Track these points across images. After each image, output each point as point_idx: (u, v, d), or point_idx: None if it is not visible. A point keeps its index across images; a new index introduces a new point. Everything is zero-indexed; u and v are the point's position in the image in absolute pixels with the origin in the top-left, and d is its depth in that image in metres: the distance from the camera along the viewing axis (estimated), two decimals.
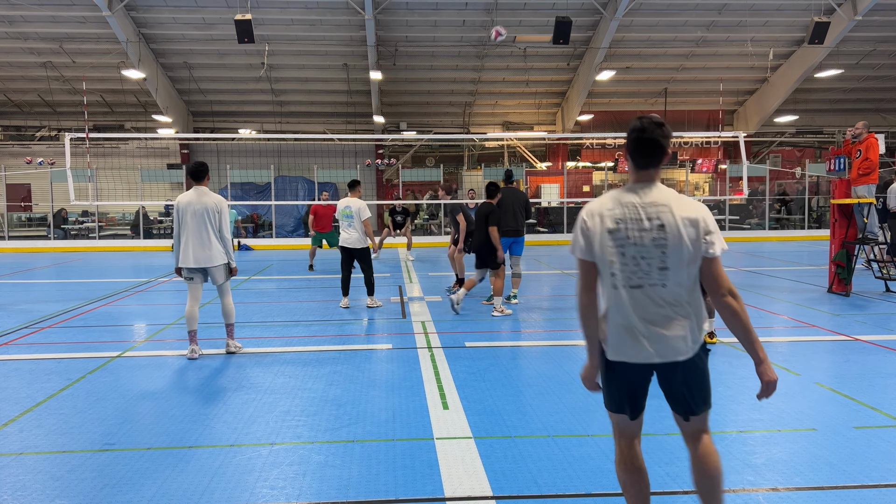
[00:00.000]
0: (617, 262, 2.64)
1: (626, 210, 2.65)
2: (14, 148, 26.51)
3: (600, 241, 2.66)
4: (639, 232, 2.61)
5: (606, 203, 2.70)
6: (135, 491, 3.61)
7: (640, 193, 2.68)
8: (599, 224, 2.67)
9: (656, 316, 2.63)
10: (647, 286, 2.62)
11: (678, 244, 2.58)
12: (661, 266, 2.60)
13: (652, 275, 2.61)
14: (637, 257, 2.62)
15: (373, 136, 26.19)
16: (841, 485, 3.61)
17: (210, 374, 5.89)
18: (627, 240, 2.62)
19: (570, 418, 4.67)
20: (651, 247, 2.60)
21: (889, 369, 5.86)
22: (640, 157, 2.70)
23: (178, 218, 6.38)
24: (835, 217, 10.31)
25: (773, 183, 25.33)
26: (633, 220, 2.63)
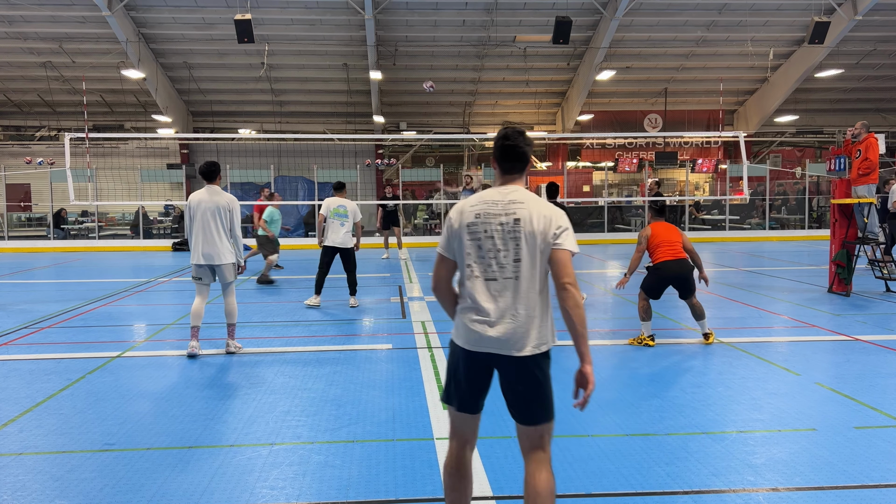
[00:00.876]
0: (473, 255, 2.79)
1: (486, 206, 2.81)
2: (14, 148, 26.51)
3: (460, 236, 2.82)
4: (497, 225, 2.76)
5: (472, 201, 2.87)
6: (135, 491, 3.61)
7: (503, 193, 2.84)
8: (460, 219, 2.84)
9: (506, 308, 2.74)
10: (502, 279, 2.75)
11: (531, 235, 2.73)
12: (515, 258, 2.74)
13: (507, 268, 2.74)
14: (493, 250, 2.76)
15: (373, 136, 26.19)
16: (841, 485, 3.61)
17: (210, 375, 5.89)
18: (484, 233, 2.77)
19: (570, 418, 4.66)
20: (508, 239, 2.75)
21: (889, 369, 5.86)
22: (505, 163, 2.91)
23: (189, 216, 6.47)
24: (835, 217, 10.31)
25: (772, 183, 25.32)
26: (492, 214, 2.78)
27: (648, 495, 3.50)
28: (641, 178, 26.55)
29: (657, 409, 4.82)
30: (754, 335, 7.31)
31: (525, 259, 2.74)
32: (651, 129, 27.09)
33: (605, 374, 5.84)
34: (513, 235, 2.75)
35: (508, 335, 2.74)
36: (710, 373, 5.79)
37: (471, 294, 2.79)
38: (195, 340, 6.50)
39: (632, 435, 4.33)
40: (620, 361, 6.27)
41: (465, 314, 2.82)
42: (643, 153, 28.05)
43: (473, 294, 2.78)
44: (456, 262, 2.87)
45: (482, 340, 2.76)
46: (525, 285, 2.75)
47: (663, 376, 5.70)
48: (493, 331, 2.73)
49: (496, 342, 2.74)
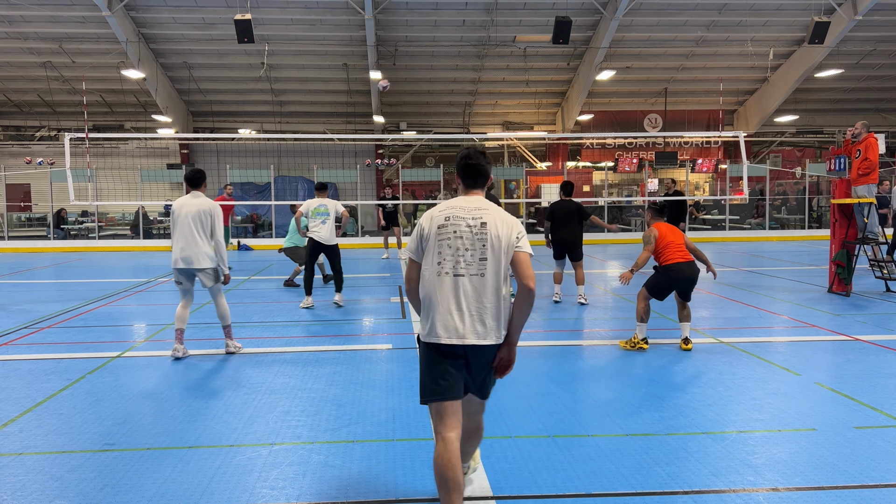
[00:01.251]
0: (443, 253, 3.09)
1: (454, 211, 3.15)
2: (14, 148, 26.51)
3: (430, 238, 3.14)
4: (465, 227, 3.10)
5: (441, 207, 3.22)
6: (135, 491, 3.61)
7: (469, 201, 3.21)
8: (430, 224, 3.16)
9: (472, 302, 3.06)
10: (468, 276, 3.07)
11: (497, 238, 3.08)
12: (482, 257, 3.07)
13: (473, 265, 3.07)
14: (462, 249, 3.08)
15: (373, 136, 26.19)
16: (841, 485, 3.61)
17: (210, 375, 5.89)
18: (454, 234, 3.10)
19: (570, 418, 4.66)
20: (475, 240, 3.08)
21: (889, 369, 5.86)
22: (468, 179, 3.29)
23: (173, 221, 6.51)
24: (835, 217, 10.31)
25: (772, 183, 25.33)
26: (460, 218, 3.12)
27: (648, 495, 3.50)
28: (641, 177, 26.55)
29: (657, 409, 4.82)
30: (754, 335, 7.31)
31: (490, 258, 3.07)
32: (651, 129, 27.10)
33: (606, 375, 5.84)
34: (480, 237, 3.08)
35: (477, 327, 3.06)
36: (710, 373, 5.79)
37: (440, 290, 3.08)
38: (179, 343, 6.50)
39: (632, 435, 4.33)
40: (620, 362, 6.28)
41: (434, 311, 3.09)
42: (643, 153, 28.06)
43: (443, 290, 3.08)
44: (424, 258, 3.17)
45: (455, 332, 3.05)
46: (489, 282, 3.07)
47: (663, 376, 5.70)
48: (457, 321, 3.05)
49: (467, 332, 3.05)
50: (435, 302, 3.08)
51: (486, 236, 3.08)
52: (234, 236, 21.75)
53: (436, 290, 3.09)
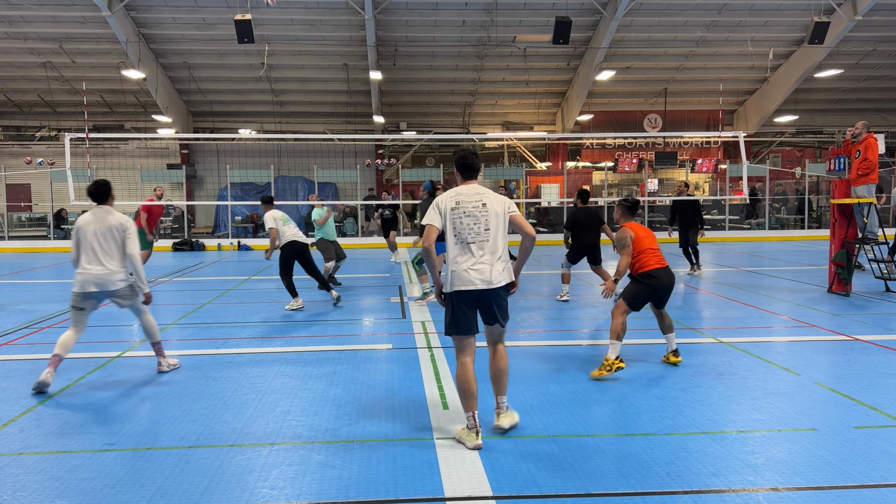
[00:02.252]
0: (458, 227, 4.17)
1: (461, 197, 4.23)
2: (14, 148, 26.52)
3: (446, 215, 4.20)
4: (471, 207, 4.19)
5: (450, 194, 4.28)
6: (135, 491, 3.61)
7: (469, 188, 4.31)
8: (445, 205, 4.22)
9: (478, 260, 4.16)
10: (479, 242, 4.17)
11: (495, 213, 4.23)
12: (486, 227, 4.19)
13: (481, 234, 4.18)
14: (471, 223, 4.17)
15: (373, 136, 26.20)
16: (841, 485, 3.61)
17: (210, 375, 5.89)
18: (464, 213, 4.18)
19: (570, 418, 4.67)
20: (479, 216, 4.19)
21: (889, 369, 5.86)
22: (466, 172, 4.37)
23: (76, 241, 5.73)
24: (835, 217, 10.31)
25: (772, 183, 25.33)
26: (467, 202, 4.21)
27: (648, 495, 3.50)
28: (641, 178, 26.56)
29: (657, 409, 4.82)
30: (754, 335, 7.31)
31: (492, 228, 4.20)
32: (651, 129, 27.10)
33: None
34: (483, 213, 4.20)
35: (488, 275, 4.16)
36: (710, 373, 5.79)
37: (460, 253, 4.17)
38: (52, 368, 5.50)
39: (632, 435, 4.33)
40: None
41: (458, 266, 4.16)
42: (643, 153, 28.06)
43: (461, 252, 4.17)
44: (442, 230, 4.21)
45: (473, 282, 4.14)
46: (492, 245, 4.19)
47: (663, 376, 5.70)
48: (478, 275, 4.15)
49: (482, 282, 4.15)
50: (458, 264, 4.15)
51: (488, 213, 4.19)
52: (234, 236, 21.76)
53: (456, 255, 4.17)
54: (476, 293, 4.14)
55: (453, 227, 4.16)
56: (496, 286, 4.14)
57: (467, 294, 4.14)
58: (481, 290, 4.13)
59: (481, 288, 4.12)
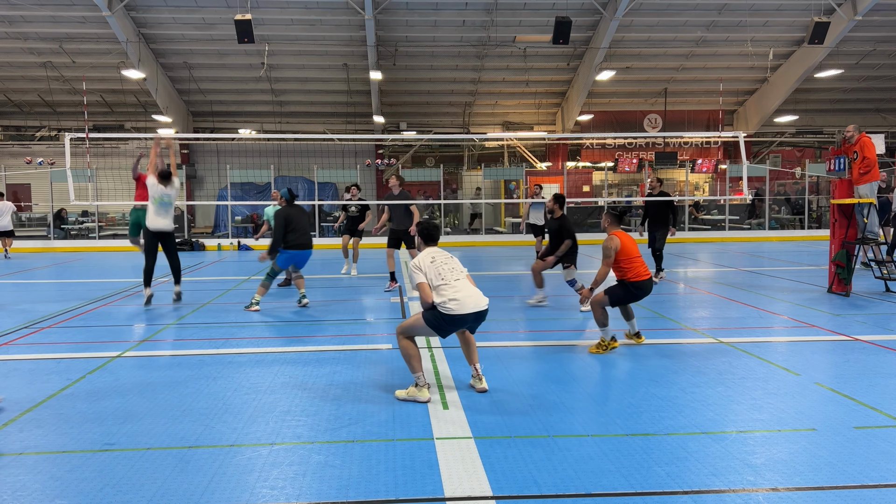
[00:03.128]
0: (441, 272, 5.21)
1: (435, 254, 5.35)
2: (14, 148, 26.52)
3: (429, 268, 5.23)
4: (445, 258, 5.35)
5: (425, 254, 5.36)
6: (135, 491, 3.61)
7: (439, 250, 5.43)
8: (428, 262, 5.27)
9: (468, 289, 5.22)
10: (461, 279, 5.26)
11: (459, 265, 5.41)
12: (460, 269, 5.36)
13: (458, 273, 5.30)
14: (449, 269, 5.27)
15: (373, 136, 26.20)
16: (841, 485, 3.61)
17: (210, 375, 5.89)
18: (443, 263, 5.29)
19: (571, 418, 4.67)
20: (452, 264, 5.35)
21: (889, 369, 5.86)
22: (430, 241, 5.52)
23: None
24: (835, 217, 10.31)
25: (773, 183, 25.33)
26: (439, 256, 5.35)
27: (648, 495, 3.51)
28: (641, 178, 26.56)
29: (657, 409, 4.82)
30: (754, 335, 7.31)
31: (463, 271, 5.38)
32: (651, 129, 27.10)
33: (606, 374, 5.85)
34: (454, 263, 5.39)
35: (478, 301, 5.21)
36: (710, 373, 5.79)
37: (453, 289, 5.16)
38: None
39: (632, 435, 4.33)
40: (620, 362, 6.28)
41: (449, 300, 5.11)
42: (643, 153, 28.06)
43: (449, 290, 5.15)
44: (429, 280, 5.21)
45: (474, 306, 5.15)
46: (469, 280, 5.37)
47: (663, 376, 5.71)
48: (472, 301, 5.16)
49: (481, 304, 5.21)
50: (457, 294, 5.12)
51: (456, 263, 5.41)
52: (234, 236, 21.76)
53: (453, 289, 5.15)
54: (473, 315, 5.15)
55: (439, 273, 5.19)
56: (485, 308, 5.23)
57: (466, 316, 5.12)
58: (477, 312, 5.16)
59: (477, 311, 5.16)
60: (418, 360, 5.14)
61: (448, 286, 5.15)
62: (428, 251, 5.39)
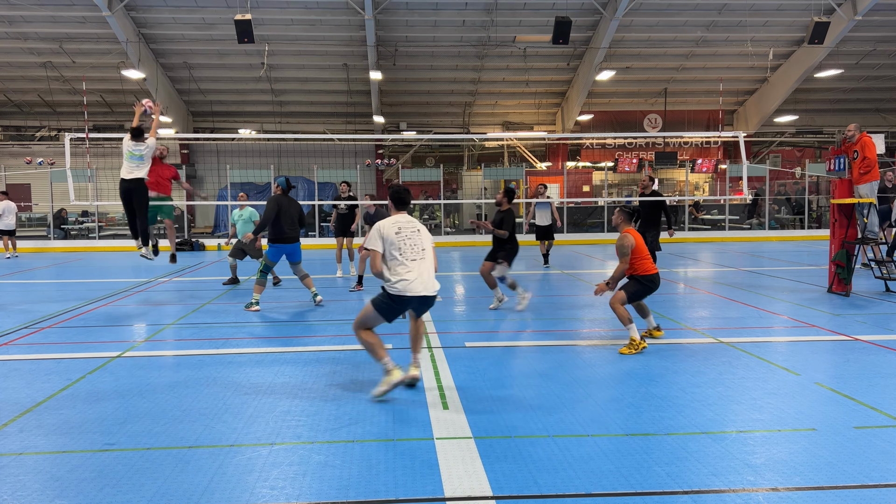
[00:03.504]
0: (402, 248, 5.17)
1: (401, 224, 5.29)
2: (14, 148, 26.52)
3: (391, 240, 5.18)
4: (410, 233, 5.26)
5: (391, 220, 5.30)
6: (135, 491, 3.61)
7: (406, 218, 5.38)
8: (389, 231, 5.21)
9: (421, 273, 5.18)
10: (419, 259, 5.22)
11: (427, 238, 5.37)
12: (422, 248, 5.28)
13: (418, 252, 5.23)
14: (411, 245, 5.21)
15: (373, 136, 26.20)
16: (841, 485, 3.61)
17: (210, 375, 5.89)
18: (407, 238, 5.23)
19: (570, 418, 4.67)
20: (416, 240, 5.27)
21: (889, 369, 5.86)
22: (401, 205, 5.50)
23: None
24: (835, 217, 10.31)
25: (773, 183, 25.32)
26: (407, 228, 5.29)
27: (648, 495, 3.50)
28: (641, 178, 26.56)
29: (657, 409, 4.82)
30: (754, 335, 7.31)
31: (427, 248, 5.33)
32: (651, 129, 27.10)
33: (605, 374, 5.85)
34: (419, 238, 5.29)
35: (432, 284, 5.25)
36: (710, 373, 5.79)
37: (402, 268, 5.15)
38: None
39: (632, 435, 4.33)
40: (620, 362, 6.28)
41: (398, 281, 5.11)
42: (643, 153, 28.07)
43: (406, 269, 5.14)
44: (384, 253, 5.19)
45: (421, 290, 5.16)
46: (428, 261, 5.30)
47: (663, 376, 5.71)
48: (420, 286, 5.15)
49: (428, 289, 5.21)
50: (406, 276, 5.11)
51: (421, 237, 5.31)
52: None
53: (405, 270, 5.14)
54: (418, 299, 5.17)
55: (399, 249, 5.13)
56: (433, 294, 5.25)
57: (410, 299, 5.14)
58: (423, 296, 5.16)
59: (423, 294, 5.15)
60: (381, 347, 5.16)
61: (402, 265, 5.11)
62: (395, 219, 5.30)
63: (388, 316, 5.24)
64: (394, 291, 5.11)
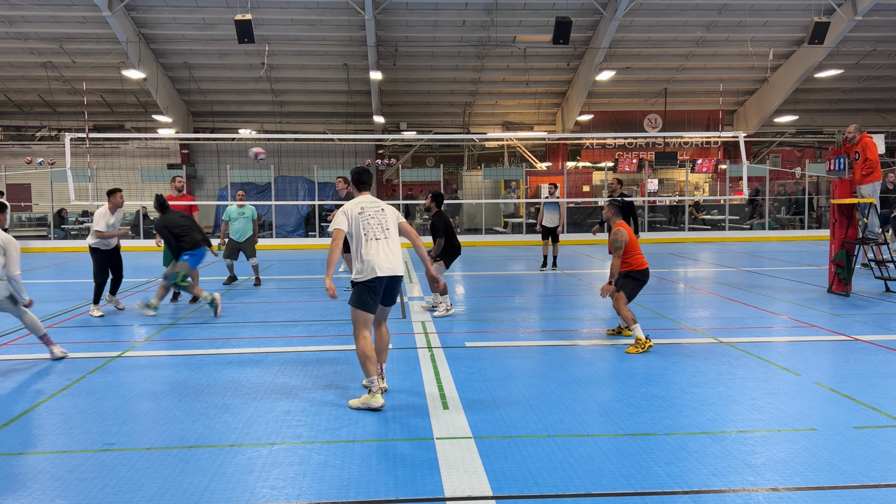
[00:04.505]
0: (367, 227, 5.11)
1: (365, 205, 5.24)
2: (14, 148, 26.51)
3: (356, 220, 5.13)
4: (374, 213, 5.20)
5: (355, 202, 5.25)
6: (135, 491, 3.61)
7: (368, 198, 5.33)
8: (353, 212, 5.16)
9: (387, 252, 5.08)
10: (382, 239, 5.11)
11: (391, 217, 5.27)
12: (386, 227, 5.18)
13: (383, 232, 5.14)
14: (374, 224, 5.14)
15: (373, 136, 26.20)
16: (841, 485, 3.61)
17: (210, 375, 5.89)
18: (370, 217, 5.17)
19: (570, 418, 4.67)
20: (380, 219, 5.19)
21: (889, 369, 5.86)
22: (362, 185, 5.41)
23: None
24: (835, 217, 10.31)
25: (773, 183, 25.32)
26: (369, 208, 5.22)
27: (648, 495, 3.51)
28: (641, 178, 26.56)
29: (657, 409, 4.82)
30: (754, 335, 7.31)
31: (391, 227, 5.21)
32: (651, 129, 27.10)
33: (606, 374, 5.85)
34: (383, 217, 5.21)
35: (394, 264, 5.09)
36: (710, 373, 5.79)
37: (367, 248, 5.05)
38: None
39: (632, 435, 4.33)
40: (620, 362, 6.28)
41: (370, 258, 5.01)
42: (643, 153, 28.06)
43: (369, 248, 5.05)
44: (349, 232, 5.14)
45: (385, 269, 5.02)
46: (393, 240, 5.17)
47: (663, 376, 5.71)
48: (387, 264, 5.04)
49: (391, 269, 5.05)
50: (371, 256, 5.01)
51: (385, 217, 5.22)
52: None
53: (369, 249, 5.03)
54: (385, 279, 5.05)
55: (363, 228, 5.09)
56: (399, 273, 5.12)
57: (380, 279, 5.01)
58: (390, 276, 5.05)
59: (390, 275, 5.05)
60: (373, 364, 4.94)
61: (366, 245, 5.02)
62: (358, 200, 5.24)
63: (367, 306, 5.03)
64: (359, 278, 5.00)
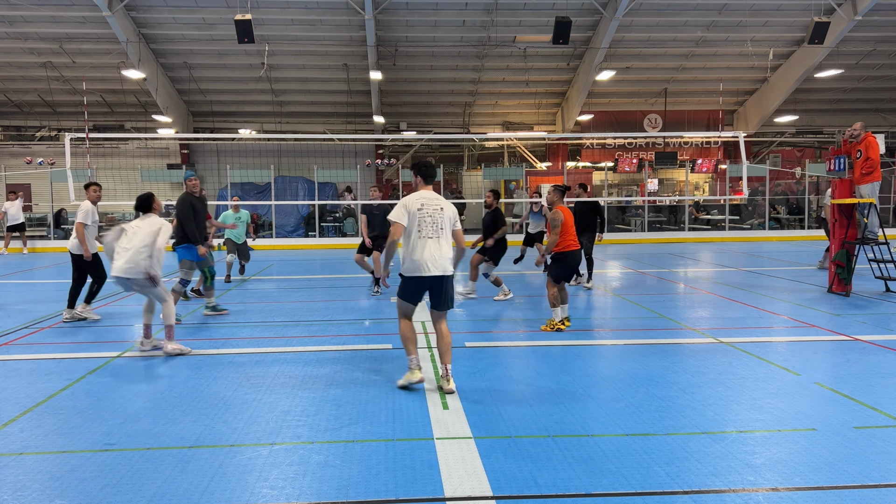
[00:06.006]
0: (422, 224, 5.22)
1: (425, 200, 5.32)
2: (14, 148, 26.50)
3: (412, 214, 5.23)
4: (432, 210, 5.28)
5: (415, 196, 5.33)
6: (135, 491, 3.61)
7: (431, 194, 5.41)
8: (413, 206, 5.25)
9: (437, 252, 5.23)
10: (434, 238, 5.24)
11: (448, 219, 5.36)
12: (441, 227, 5.28)
13: (436, 231, 5.26)
14: (430, 223, 5.24)
15: (373, 136, 26.19)
16: (841, 485, 3.61)
17: (210, 375, 5.89)
18: (427, 215, 5.26)
19: (570, 418, 4.67)
20: (437, 217, 5.28)
21: (889, 369, 5.86)
22: (428, 178, 5.48)
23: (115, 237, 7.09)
24: (835, 217, 10.31)
25: (772, 183, 25.32)
26: (430, 205, 5.30)
27: (648, 495, 3.51)
28: (641, 178, 26.56)
29: (657, 409, 4.82)
30: (754, 335, 7.31)
31: (446, 228, 5.33)
32: (651, 129, 27.09)
33: (606, 374, 5.85)
34: (441, 216, 5.31)
35: (443, 265, 5.24)
36: (710, 373, 5.79)
37: (419, 246, 5.20)
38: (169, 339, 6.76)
39: (632, 435, 4.33)
40: (620, 362, 6.28)
41: (419, 257, 5.18)
42: (643, 153, 28.05)
43: (422, 245, 5.20)
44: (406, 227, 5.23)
45: (432, 269, 5.20)
46: (445, 240, 5.31)
47: (663, 376, 5.71)
48: (436, 263, 5.20)
49: (439, 269, 5.22)
50: (421, 254, 5.17)
51: (443, 216, 5.32)
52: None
53: (420, 246, 5.19)
54: (431, 279, 5.20)
55: (419, 224, 5.19)
56: (449, 273, 5.26)
57: (427, 278, 5.19)
58: (434, 276, 5.19)
59: (434, 274, 5.18)
60: (412, 344, 5.33)
61: (418, 242, 5.18)
62: (421, 194, 5.35)
63: (411, 299, 5.33)
64: (407, 273, 5.24)
